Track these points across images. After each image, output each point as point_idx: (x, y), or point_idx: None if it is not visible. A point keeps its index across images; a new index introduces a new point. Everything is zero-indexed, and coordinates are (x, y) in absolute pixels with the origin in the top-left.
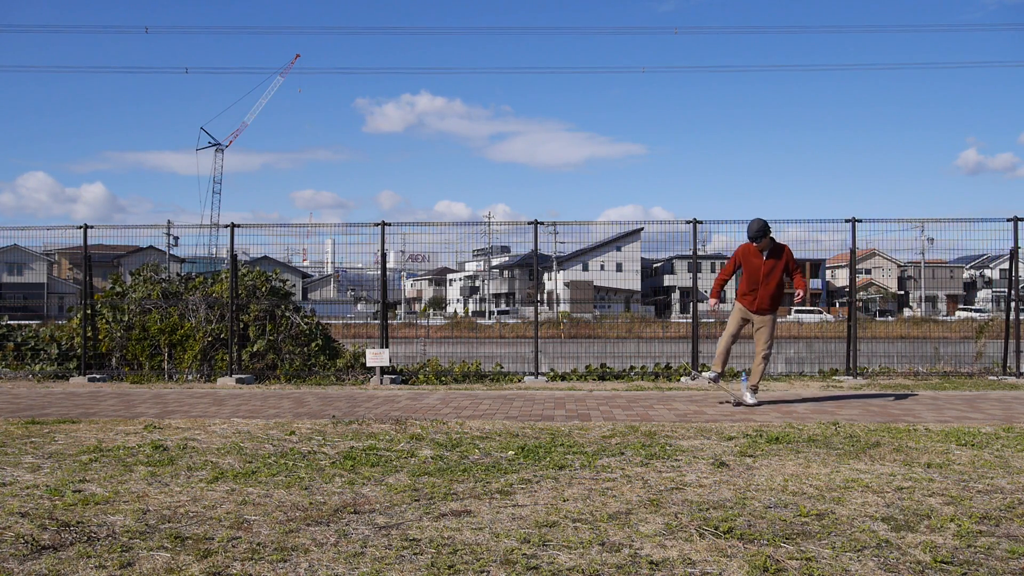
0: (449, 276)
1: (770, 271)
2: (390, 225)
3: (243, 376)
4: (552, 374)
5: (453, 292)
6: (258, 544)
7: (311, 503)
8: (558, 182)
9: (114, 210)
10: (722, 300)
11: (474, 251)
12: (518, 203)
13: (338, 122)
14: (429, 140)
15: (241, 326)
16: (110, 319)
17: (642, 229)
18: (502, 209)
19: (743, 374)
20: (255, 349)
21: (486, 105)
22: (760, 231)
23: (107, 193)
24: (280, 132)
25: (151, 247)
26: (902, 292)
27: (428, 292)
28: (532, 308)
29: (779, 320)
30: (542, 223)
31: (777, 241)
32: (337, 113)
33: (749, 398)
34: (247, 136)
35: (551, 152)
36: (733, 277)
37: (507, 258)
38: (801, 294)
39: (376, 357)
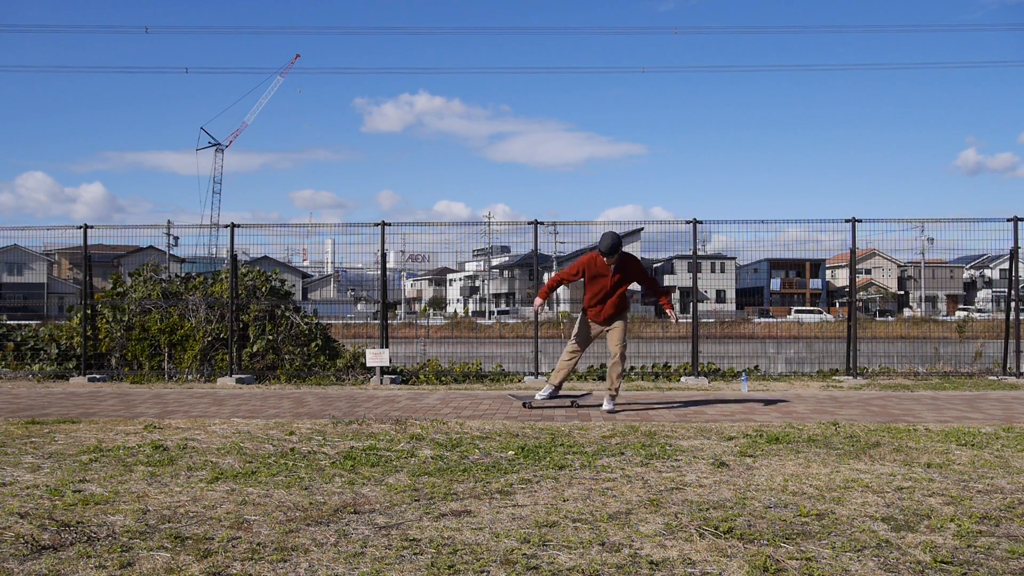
0: (449, 276)
1: (617, 284)
2: (390, 225)
3: (243, 376)
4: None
5: (453, 292)
6: (258, 544)
7: (311, 503)
8: (558, 182)
9: (113, 210)
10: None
11: (474, 251)
12: (518, 203)
13: (337, 122)
14: (428, 140)
15: (241, 326)
16: (110, 319)
17: (642, 229)
18: (502, 209)
19: (743, 374)
20: (255, 349)
21: (485, 105)
22: (613, 247)
23: (106, 193)
24: (279, 132)
25: (151, 247)
26: (902, 292)
27: (428, 292)
28: (532, 308)
29: (779, 320)
30: (542, 223)
31: (625, 252)
32: (336, 113)
33: (606, 403)
34: (246, 136)
35: (551, 152)
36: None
37: (507, 258)
38: (671, 316)
39: (376, 357)
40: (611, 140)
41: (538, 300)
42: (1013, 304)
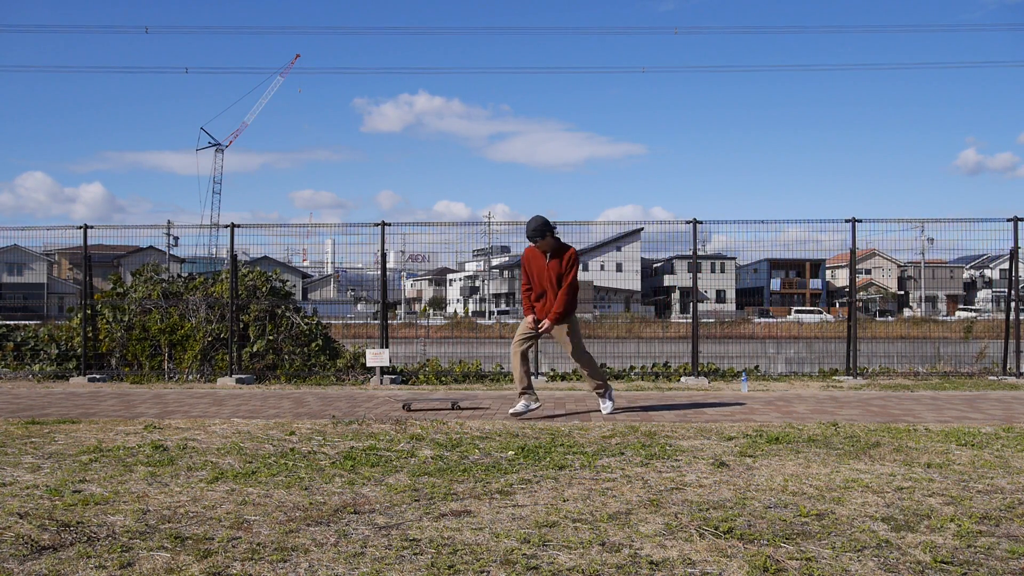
0: (449, 276)
1: (554, 274)
2: (390, 225)
3: (243, 376)
4: (552, 374)
5: (453, 292)
6: (258, 544)
7: (311, 503)
8: (558, 182)
9: (113, 210)
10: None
11: (474, 251)
12: (518, 203)
13: (336, 122)
14: (428, 140)
15: (241, 326)
16: (110, 319)
17: (642, 229)
18: (502, 209)
19: (743, 374)
20: (255, 349)
21: (485, 105)
22: (537, 230)
23: (106, 193)
24: (279, 132)
25: (151, 247)
26: (902, 292)
27: (428, 292)
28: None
29: (779, 320)
30: None
31: (563, 242)
32: (335, 113)
33: (603, 406)
34: (246, 136)
35: (550, 152)
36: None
37: (507, 258)
38: (542, 327)
39: (376, 357)
40: (611, 140)
41: (529, 316)
42: (1013, 304)
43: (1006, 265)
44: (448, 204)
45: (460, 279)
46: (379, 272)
